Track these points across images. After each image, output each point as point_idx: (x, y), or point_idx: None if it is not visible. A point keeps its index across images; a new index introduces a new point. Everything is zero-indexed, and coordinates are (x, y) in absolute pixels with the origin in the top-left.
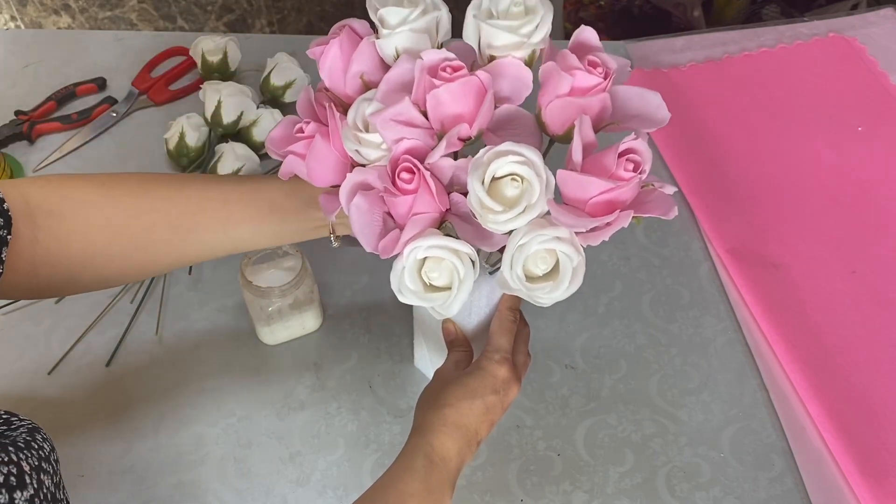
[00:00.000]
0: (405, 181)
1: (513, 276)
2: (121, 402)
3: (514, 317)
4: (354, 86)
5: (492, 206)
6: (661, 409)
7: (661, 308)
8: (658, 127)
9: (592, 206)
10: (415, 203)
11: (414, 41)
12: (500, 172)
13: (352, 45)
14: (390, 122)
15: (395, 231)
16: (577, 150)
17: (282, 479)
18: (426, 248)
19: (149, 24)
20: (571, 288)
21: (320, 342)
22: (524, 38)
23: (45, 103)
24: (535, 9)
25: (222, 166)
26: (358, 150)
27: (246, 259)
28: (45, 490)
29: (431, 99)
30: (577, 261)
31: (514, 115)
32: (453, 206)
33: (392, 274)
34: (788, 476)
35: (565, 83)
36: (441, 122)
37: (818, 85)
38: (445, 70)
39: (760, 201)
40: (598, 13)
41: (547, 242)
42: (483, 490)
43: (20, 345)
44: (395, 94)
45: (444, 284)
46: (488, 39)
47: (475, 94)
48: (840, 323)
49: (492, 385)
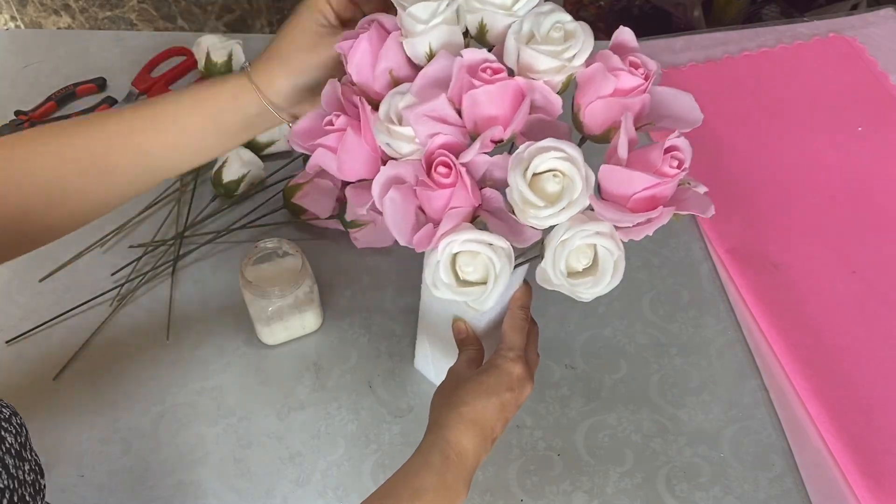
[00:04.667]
0: (442, 175)
1: (556, 272)
2: (121, 403)
3: (526, 315)
4: (383, 82)
5: (534, 202)
6: (661, 409)
7: (661, 308)
8: (692, 127)
9: (635, 201)
10: (452, 197)
11: (448, 34)
12: (541, 168)
13: (381, 41)
14: (424, 118)
15: (429, 225)
16: (623, 147)
17: (282, 479)
18: (462, 241)
19: (149, 24)
20: (613, 282)
21: (320, 342)
22: (565, 62)
23: (45, 103)
24: (576, 33)
25: (227, 171)
26: (389, 144)
27: (246, 259)
28: (6, 445)
29: (468, 99)
30: (618, 255)
31: (546, 123)
32: (485, 201)
33: (426, 268)
34: (788, 476)
35: (609, 84)
36: (475, 122)
37: (818, 85)
38: (486, 71)
39: (760, 201)
40: (598, 13)
41: (589, 237)
42: (483, 490)
43: (21, 345)
44: (430, 90)
45: (477, 279)
46: (529, 63)
47: (512, 98)
48: (840, 323)
49: (507, 383)
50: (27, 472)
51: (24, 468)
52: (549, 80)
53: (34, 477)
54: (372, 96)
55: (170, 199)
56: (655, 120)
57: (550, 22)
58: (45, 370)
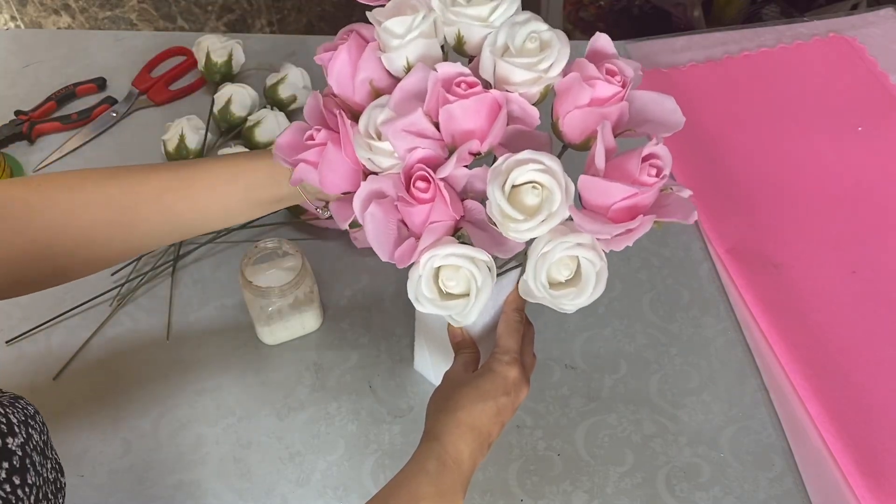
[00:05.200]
0: (421, 190)
1: (537, 285)
2: (121, 403)
3: (521, 318)
4: (363, 93)
5: (513, 216)
6: (661, 409)
7: (661, 308)
8: (673, 131)
9: (615, 211)
10: (431, 212)
11: (425, 47)
12: (520, 180)
13: (359, 51)
14: (402, 133)
15: (411, 240)
16: (599, 157)
17: (282, 479)
18: (443, 256)
19: (149, 24)
20: (595, 293)
21: (320, 342)
22: (541, 73)
23: (45, 103)
24: (551, 43)
25: None
26: (370, 159)
27: (246, 259)
28: (34, 442)
29: (444, 114)
30: (600, 266)
31: (526, 133)
32: (468, 212)
33: (409, 283)
34: (788, 476)
35: (585, 94)
36: (452, 136)
37: (818, 85)
38: (460, 85)
39: (760, 201)
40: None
41: (570, 249)
42: (483, 490)
43: (21, 345)
44: (408, 103)
45: (460, 292)
46: (505, 75)
47: (488, 111)
48: (840, 323)
49: (503, 387)
50: (49, 469)
51: (48, 466)
52: (525, 91)
53: (55, 475)
54: (353, 108)
55: None
56: (636, 126)
57: (525, 32)
58: (45, 370)
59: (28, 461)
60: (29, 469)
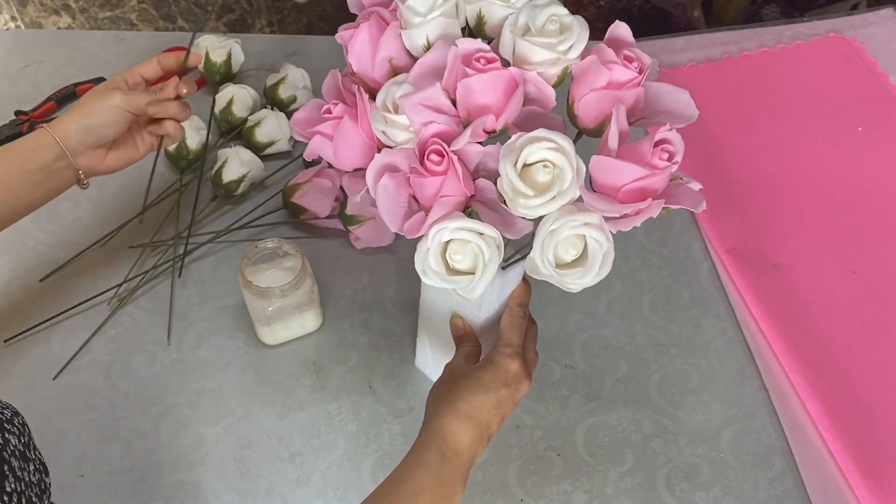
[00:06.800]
0: (434, 163)
1: (544, 262)
2: (121, 403)
3: (525, 313)
4: (382, 71)
5: (524, 191)
6: (661, 409)
7: (661, 308)
8: (687, 123)
9: (625, 193)
10: (443, 185)
11: (446, 26)
12: (532, 158)
13: (380, 31)
14: (418, 106)
15: (421, 213)
16: (613, 138)
17: (282, 479)
18: (452, 229)
19: (149, 24)
20: (601, 273)
21: (320, 342)
22: (560, 54)
23: (45, 103)
24: (572, 26)
25: (227, 171)
26: (385, 132)
27: (246, 259)
28: (11, 446)
29: (462, 87)
30: (607, 247)
31: (540, 116)
32: (479, 191)
33: (416, 255)
34: (788, 476)
35: (603, 76)
36: (468, 111)
37: (818, 85)
38: (479, 60)
39: (760, 201)
40: (598, 13)
41: (578, 228)
42: (483, 490)
43: (21, 345)
44: (426, 79)
45: (466, 268)
46: (524, 54)
47: (505, 88)
48: (840, 323)
49: (504, 379)
50: (32, 472)
51: (29, 468)
52: (544, 72)
53: (39, 476)
54: (371, 85)
55: (169, 199)
56: (651, 115)
57: (546, 15)
58: (45, 370)
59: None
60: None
